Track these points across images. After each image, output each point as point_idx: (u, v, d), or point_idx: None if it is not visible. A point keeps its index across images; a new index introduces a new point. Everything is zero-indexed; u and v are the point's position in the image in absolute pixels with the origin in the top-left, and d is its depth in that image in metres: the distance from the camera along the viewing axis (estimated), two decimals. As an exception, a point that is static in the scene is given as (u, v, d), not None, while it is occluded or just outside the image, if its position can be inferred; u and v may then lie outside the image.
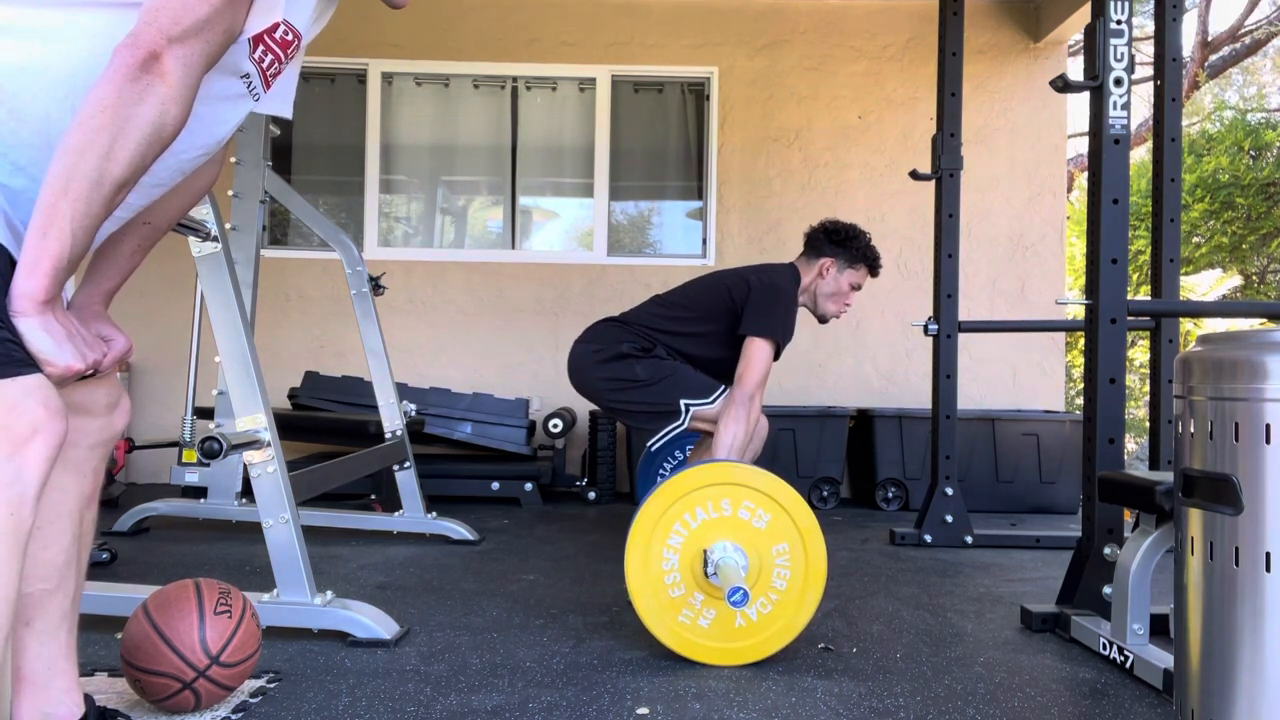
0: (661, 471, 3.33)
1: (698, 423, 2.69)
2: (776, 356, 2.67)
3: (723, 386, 2.69)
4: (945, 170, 3.59)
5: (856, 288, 2.92)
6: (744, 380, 2.59)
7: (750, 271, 2.82)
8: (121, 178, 1.03)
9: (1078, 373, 7.96)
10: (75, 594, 1.33)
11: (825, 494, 4.46)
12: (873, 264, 2.91)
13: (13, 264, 1.05)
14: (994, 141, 5.13)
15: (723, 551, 1.97)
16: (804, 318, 2.97)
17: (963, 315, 3.69)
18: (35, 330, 1.04)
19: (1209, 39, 9.76)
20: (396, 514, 3.46)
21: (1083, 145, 8.28)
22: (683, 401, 2.67)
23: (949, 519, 3.49)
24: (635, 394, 2.72)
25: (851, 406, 4.71)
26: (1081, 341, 6.79)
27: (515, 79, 5.19)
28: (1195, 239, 7.96)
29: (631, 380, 2.71)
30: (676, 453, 3.37)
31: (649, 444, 3.26)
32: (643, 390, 2.70)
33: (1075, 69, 6.55)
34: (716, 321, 2.76)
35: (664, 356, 2.76)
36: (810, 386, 5.04)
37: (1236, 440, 1.28)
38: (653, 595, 1.99)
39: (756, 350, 2.61)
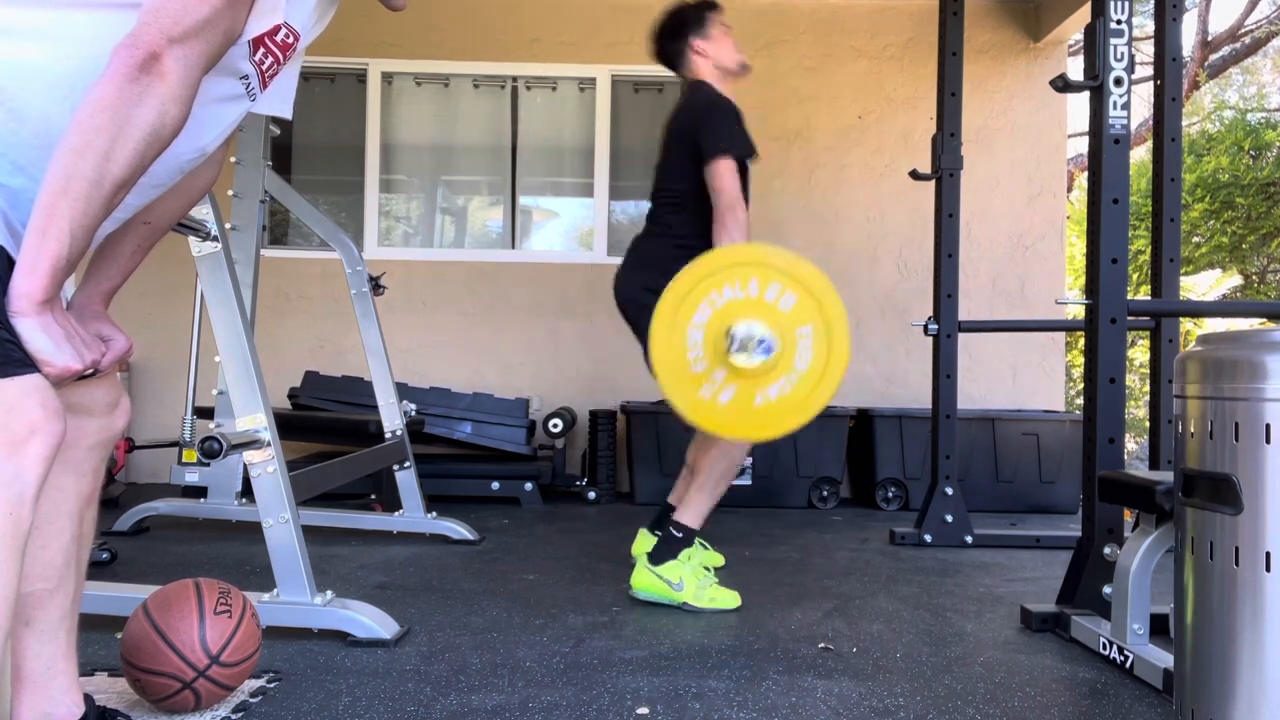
0: None
1: None
2: (744, 169, 2.61)
3: None
4: (945, 170, 3.59)
5: (728, 27, 2.86)
6: (718, 204, 2.53)
7: (685, 109, 2.75)
8: (121, 178, 1.03)
9: (1078, 373, 7.96)
10: (75, 594, 1.34)
11: (825, 494, 4.46)
12: (710, 3, 2.83)
13: (11, 264, 1.05)
14: (994, 141, 5.13)
15: (748, 329, 1.99)
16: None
17: (963, 315, 3.69)
18: (34, 330, 1.04)
19: (1209, 39, 9.76)
20: (396, 514, 3.46)
21: (1083, 145, 8.28)
22: None
23: (949, 519, 3.49)
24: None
25: (851, 406, 4.71)
26: (1081, 341, 6.79)
27: (515, 79, 5.19)
28: (1195, 239, 7.96)
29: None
30: None
31: None
32: None
33: (1075, 69, 6.55)
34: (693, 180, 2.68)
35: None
36: (810, 386, 5.03)
37: (1236, 440, 1.28)
38: (676, 369, 2.02)
39: (715, 171, 2.55)
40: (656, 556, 2.51)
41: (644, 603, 2.50)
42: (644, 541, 2.98)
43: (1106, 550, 2.26)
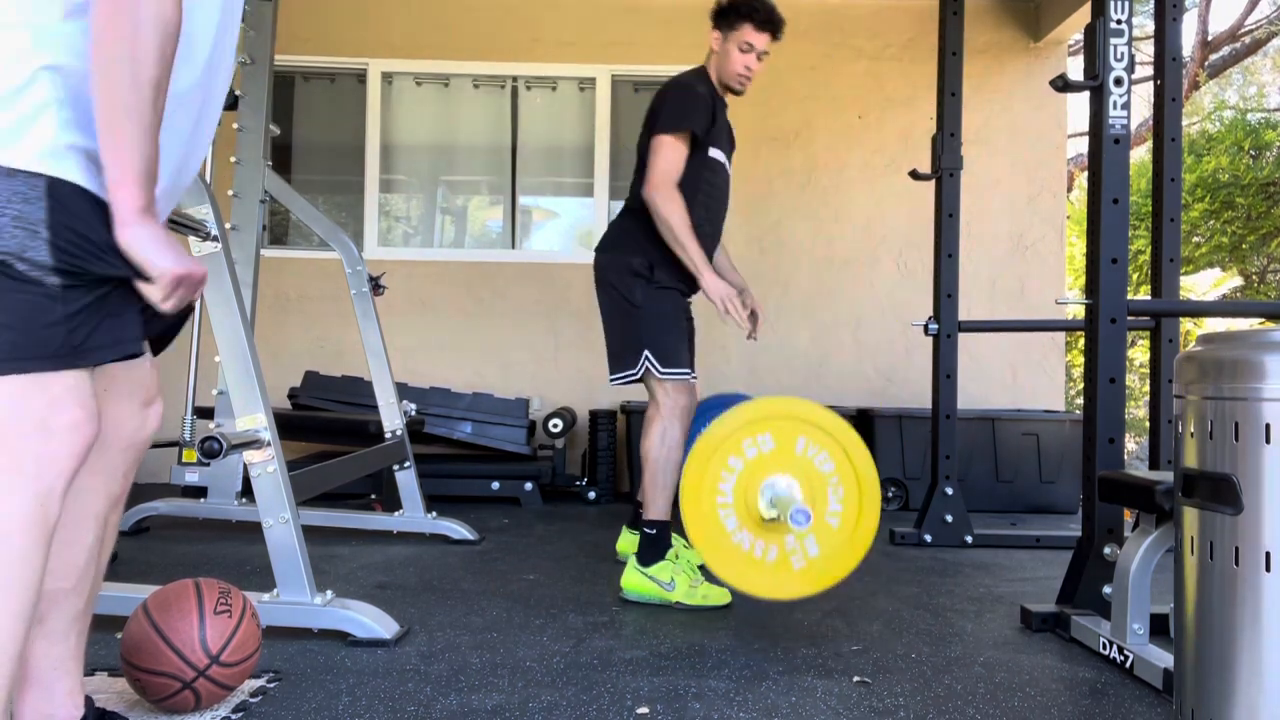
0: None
1: (648, 382, 2.62)
2: (696, 143, 2.60)
3: (687, 373, 2.64)
4: (945, 170, 3.59)
5: (748, 49, 2.74)
6: (649, 178, 2.54)
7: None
8: (154, 76, 1.09)
9: (1078, 373, 7.96)
10: (91, 596, 1.34)
11: (825, 494, 4.45)
12: (748, 12, 2.71)
13: (98, 203, 1.10)
14: (994, 141, 5.13)
15: (786, 489, 1.99)
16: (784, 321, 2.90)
17: (963, 315, 3.69)
18: (142, 238, 1.10)
19: (1209, 39, 9.76)
20: (396, 514, 3.46)
21: (1083, 145, 8.27)
22: (647, 352, 2.58)
23: (949, 519, 3.49)
24: (619, 321, 2.64)
25: (851, 406, 4.71)
26: (1081, 341, 6.79)
27: (515, 79, 5.19)
28: (1195, 239, 7.96)
29: (629, 304, 2.62)
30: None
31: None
32: (628, 320, 2.62)
33: (1075, 69, 6.55)
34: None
35: (665, 284, 2.64)
36: (810, 386, 5.03)
37: (1236, 440, 1.28)
38: (709, 532, 2.02)
39: (652, 147, 2.56)
40: (644, 558, 2.52)
41: (643, 603, 2.50)
42: (627, 540, 2.98)
43: (1106, 550, 2.26)
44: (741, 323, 2.63)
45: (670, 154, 2.56)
